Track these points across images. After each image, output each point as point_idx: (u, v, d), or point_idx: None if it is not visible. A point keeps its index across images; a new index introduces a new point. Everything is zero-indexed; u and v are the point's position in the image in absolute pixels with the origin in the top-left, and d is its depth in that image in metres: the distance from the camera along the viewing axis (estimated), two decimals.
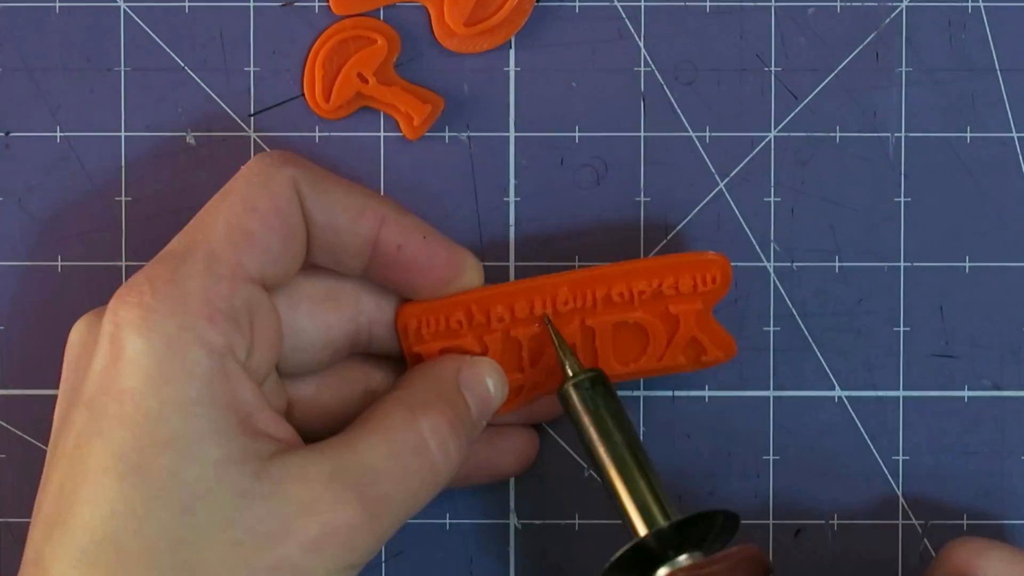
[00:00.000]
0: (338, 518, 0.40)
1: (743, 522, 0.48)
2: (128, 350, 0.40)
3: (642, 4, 0.49)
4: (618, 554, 0.43)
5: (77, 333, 0.42)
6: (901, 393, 0.49)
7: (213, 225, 0.42)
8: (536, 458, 0.48)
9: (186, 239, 0.42)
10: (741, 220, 0.49)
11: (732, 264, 0.46)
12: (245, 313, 0.41)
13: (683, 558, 0.43)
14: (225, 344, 0.40)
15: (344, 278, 0.45)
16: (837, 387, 0.49)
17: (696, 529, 0.43)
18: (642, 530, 0.43)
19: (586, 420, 0.44)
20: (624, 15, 0.49)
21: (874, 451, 0.49)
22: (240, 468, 0.39)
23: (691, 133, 0.49)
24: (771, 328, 0.49)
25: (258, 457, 0.40)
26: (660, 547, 0.43)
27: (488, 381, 0.45)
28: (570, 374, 0.45)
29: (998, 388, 0.49)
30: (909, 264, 0.49)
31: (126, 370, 0.40)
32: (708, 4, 0.49)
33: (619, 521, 0.44)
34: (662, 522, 0.43)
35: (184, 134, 0.49)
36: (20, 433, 0.49)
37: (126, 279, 0.48)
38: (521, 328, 0.45)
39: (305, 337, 0.44)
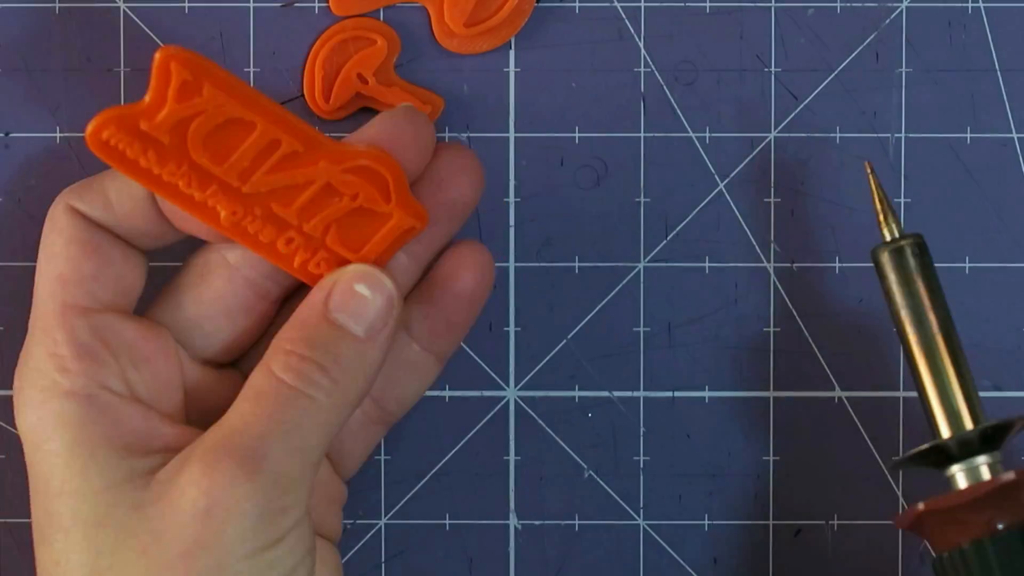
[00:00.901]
0: (214, 481, 0.40)
1: (744, 523, 0.48)
2: (20, 429, 0.43)
3: (642, 5, 0.49)
4: (915, 450, 0.43)
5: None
6: (901, 393, 0.49)
7: (36, 291, 0.44)
8: (492, 271, 0.47)
9: (29, 318, 0.44)
10: (741, 220, 0.49)
11: (732, 265, 0.46)
12: (100, 345, 0.43)
13: (982, 458, 0.43)
14: (87, 384, 0.42)
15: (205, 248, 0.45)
16: (837, 388, 0.49)
17: (997, 429, 0.43)
18: (946, 431, 0.43)
19: (898, 295, 0.43)
20: (624, 16, 0.49)
21: (874, 451, 0.49)
22: (129, 486, 0.41)
23: (691, 133, 0.49)
24: (771, 328, 0.49)
25: (150, 471, 0.42)
26: (960, 449, 0.43)
27: (359, 287, 0.43)
28: (888, 237, 0.44)
29: (998, 388, 0.49)
30: None
31: (26, 450, 0.43)
32: (708, 5, 0.49)
33: (630, 522, 0.44)
34: (969, 426, 0.43)
35: None
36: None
37: None
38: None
39: (206, 319, 0.45)
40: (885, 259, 0.44)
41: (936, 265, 0.45)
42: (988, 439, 0.43)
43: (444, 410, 0.49)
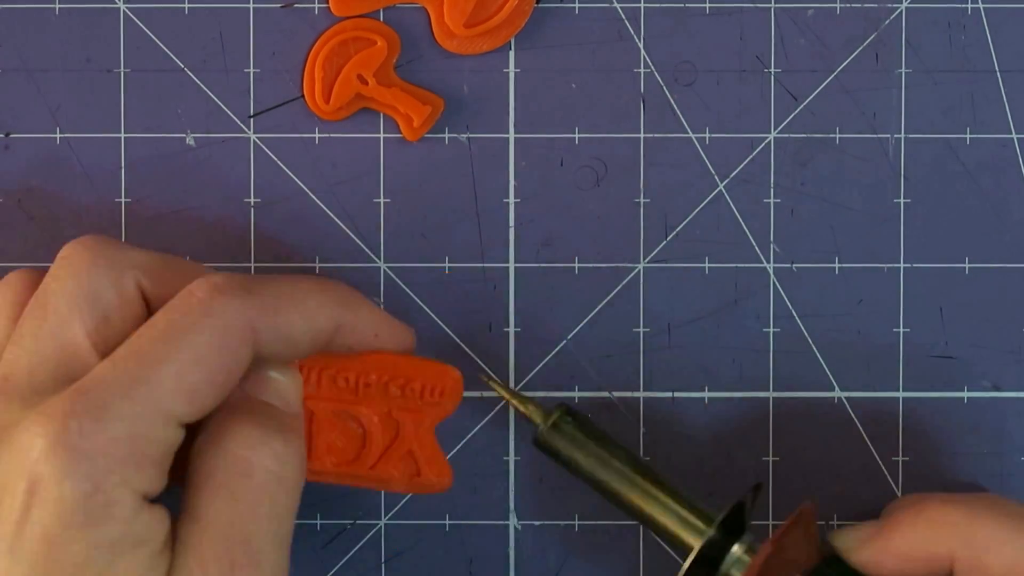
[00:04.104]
0: None
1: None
2: (52, 491, 0.39)
3: (642, 5, 0.49)
4: (682, 571, 0.44)
5: None
6: (901, 394, 0.49)
7: (156, 368, 0.40)
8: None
9: (122, 372, 0.40)
10: (741, 221, 0.49)
11: (732, 266, 0.46)
12: (169, 456, 0.40)
13: (736, 548, 0.44)
14: (147, 488, 0.40)
15: None
16: (837, 388, 0.49)
17: (735, 516, 0.44)
18: (694, 544, 0.44)
19: (577, 456, 0.45)
20: (624, 16, 0.49)
21: (874, 452, 0.49)
22: None
23: (691, 134, 0.49)
24: (771, 329, 0.49)
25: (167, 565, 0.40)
26: (712, 550, 0.44)
27: (270, 373, 0.43)
28: (536, 421, 0.45)
29: (998, 389, 0.49)
30: (909, 265, 0.49)
31: (49, 514, 0.39)
32: (708, 5, 0.49)
33: (630, 522, 0.44)
34: (704, 527, 0.44)
35: (184, 135, 0.49)
36: None
37: None
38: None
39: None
40: (551, 438, 0.45)
41: (936, 265, 0.45)
42: (733, 530, 0.44)
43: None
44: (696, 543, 0.44)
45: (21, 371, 0.41)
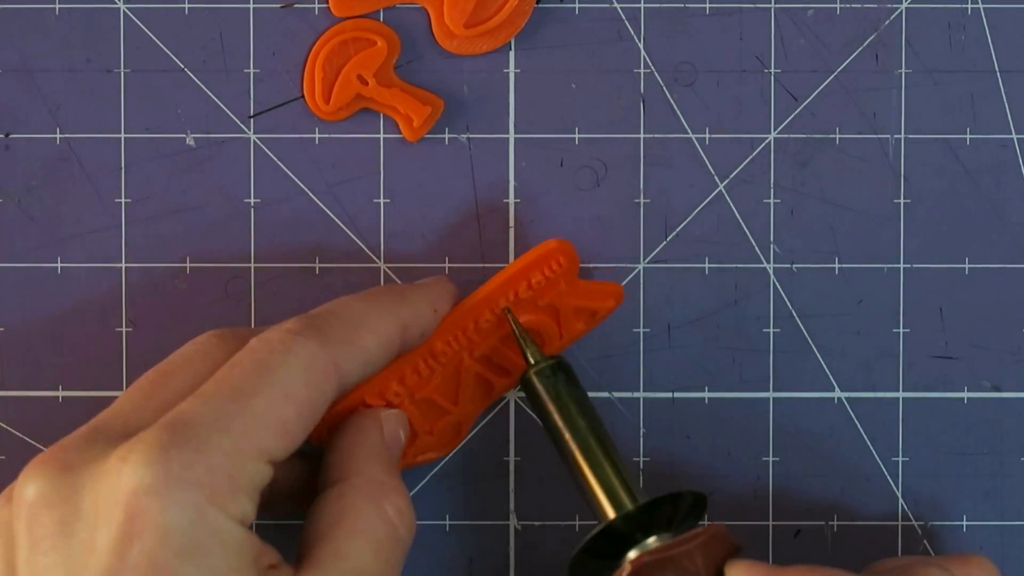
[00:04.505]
0: None
1: (744, 523, 0.48)
2: (156, 521, 0.38)
3: (642, 6, 0.49)
4: (588, 537, 0.44)
5: (34, 486, 0.40)
6: (901, 394, 0.49)
7: (249, 403, 0.41)
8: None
9: (218, 406, 0.40)
10: (741, 221, 0.49)
11: (732, 266, 0.46)
12: (259, 488, 0.41)
13: (652, 540, 0.44)
14: (243, 515, 0.40)
15: None
16: (837, 388, 0.49)
17: (664, 511, 0.44)
18: (610, 513, 0.44)
19: (550, 406, 0.45)
20: (624, 17, 0.49)
21: (874, 452, 0.49)
22: None
23: (691, 135, 0.49)
24: (771, 330, 0.49)
25: None
26: (629, 530, 0.44)
27: (400, 433, 0.46)
28: (532, 362, 0.46)
29: (998, 389, 0.49)
30: (909, 265, 0.49)
31: (153, 542, 0.38)
32: (708, 6, 0.49)
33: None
34: (629, 505, 0.44)
35: (184, 136, 0.49)
36: (20, 434, 0.49)
37: (125, 280, 0.48)
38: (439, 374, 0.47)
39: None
40: (533, 379, 0.46)
41: (936, 265, 0.45)
42: (659, 524, 0.44)
43: None
44: (612, 515, 0.44)
45: (118, 423, 0.42)
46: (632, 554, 0.44)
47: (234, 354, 0.42)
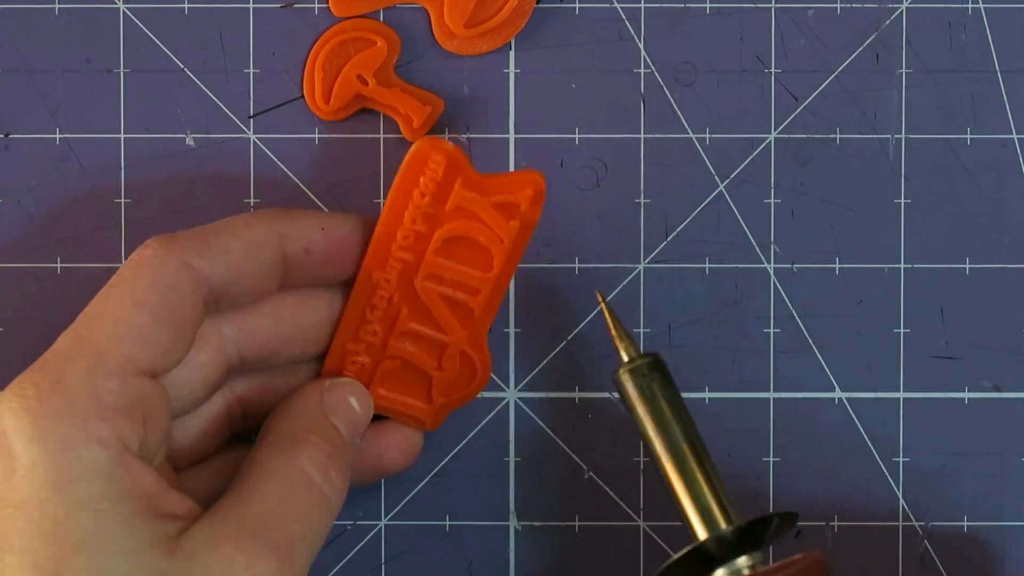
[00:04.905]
0: (257, 573, 0.40)
1: None
2: (23, 459, 0.39)
3: (642, 6, 0.49)
4: (677, 556, 0.43)
5: None
6: (901, 395, 0.49)
7: (99, 321, 0.41)
8: (421, 450, 0.48)
9: (71, 337, 0.41)
10: (741, 221, 0.49)
11: (732, 266, 0.46)
12: (137, 406, 0.41)
13: (743, 560, 0.43)
14: (118, 438, 0.40)
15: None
16: (837, 388, 0.49)
17: (755, 529, 0.43)
18: (702, 533, 0.43)
19: (642, 410, 0.44)
20: (624, 17, 0.49)
21: (874, 452, 0.49)
22: (155, 552, 0.40)
23: (691, 135, 0.49)
24: (771, 330, 0.49)
25: (168, 538, 0.40)
26: (719, 549, 0.43)
27: (351, 400, 0.45)
28: (625, 359, 0.44)
29: (998, 389, 0.49)
30: (909, 265, 0.49)
31: (24, 480, 0.39)
32: (708, 6, 0.49)
33: (630, 523, 0.44)
34: (723, 525, 0.43)
35: (183, 136, 0.49)
36: None
37: None
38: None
39: (184, 385, 0.44)
40: (626, 379, 0.44)
41: (936, 265, 0.45)
42: (749, 541, 0.43)
43: None
44: (704, 535, 0.43)
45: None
46: (721, 572, 0.43)
47: None
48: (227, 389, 0.46)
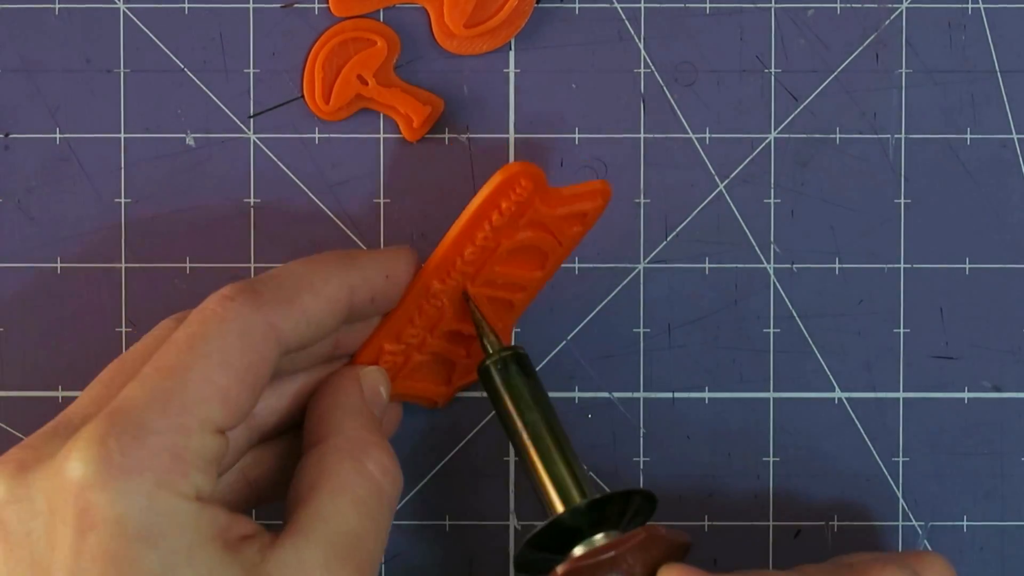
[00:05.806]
0: None
1: (744, 523, 0.48)
2: (107, 513, 0.38)
3: (642, 6, 0.49)
4: (535, 531, 0.43)
5: None
6: (901, 395, 0.49)
7: (184, 377, 0.40)
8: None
9: (151, 387, 0.40)
10: (741, 221, 0.49)
11: (732, 266, 0.46)
12: (212, 461, 0.41)
13: (599, 536, 0.44)
14: (196, 490, 0.40)
15: None
16: (837, 388, 0.49)
17: (614, 509, 0.44)
18: (559, 508, 0.44)
19: (505, 397, 0.45)
20: (624, 17, 0.49)
21: (874, 452, 0.49)
22: None
23: (691, 134, 0.49)
24: (771, 330, 0.49)
25: (254, 565, 0.40)
26: (577, 525, 0.44)
27: (381, 389, 0.46)
28: (489, 351, 0.46)
29: (998, 389, 0.49)
30: (909, 265, 0.49)
31: (107, 535, 0.38)
32: (708, 6, 0.49)
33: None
34: (578, 500, 0.44)
35: (183, 136, 0.49)
36: (20, 434, 0.49)
37: (125, 281, 0.48)
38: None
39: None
40: (489, 369, 0.45)
41: (936, 265, 0.45)
42: (608, 520, 0.44)
43: (444, 410, 0.49)
44: (561, 509, 0.44)
45: (78, 418, 0.41)
46: (578, 550, 0.44)
47: None
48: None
